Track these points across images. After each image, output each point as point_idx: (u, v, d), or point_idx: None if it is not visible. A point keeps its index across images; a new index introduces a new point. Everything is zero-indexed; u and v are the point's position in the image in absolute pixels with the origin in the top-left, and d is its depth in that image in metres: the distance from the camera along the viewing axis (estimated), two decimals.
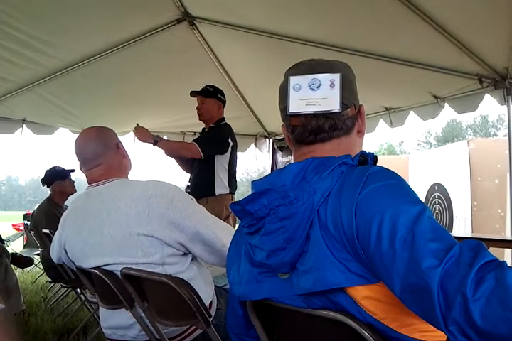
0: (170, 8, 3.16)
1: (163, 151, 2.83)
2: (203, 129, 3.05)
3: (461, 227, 5.30)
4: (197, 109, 2.92)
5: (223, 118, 2.98)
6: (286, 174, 0.78)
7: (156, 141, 2.73)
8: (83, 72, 3.45)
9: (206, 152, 2.78)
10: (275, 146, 5.17)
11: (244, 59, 3.77)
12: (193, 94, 2.90)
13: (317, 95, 0.82)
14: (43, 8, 2.76)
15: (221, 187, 2.88)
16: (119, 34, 3.25)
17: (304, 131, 0.85)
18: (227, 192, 2.91)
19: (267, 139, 5.15)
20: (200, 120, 2.97)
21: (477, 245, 0.62)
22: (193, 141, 2.87)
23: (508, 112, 3.01)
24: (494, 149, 5.11)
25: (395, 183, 0.72)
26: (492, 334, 0.55)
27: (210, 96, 2.89)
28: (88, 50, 3.31)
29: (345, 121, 0.85)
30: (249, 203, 0.79)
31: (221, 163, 2.89)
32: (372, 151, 0.83)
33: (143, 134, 2.77)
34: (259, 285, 0.81)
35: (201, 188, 2.87)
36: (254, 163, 41.33)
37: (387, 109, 3.77)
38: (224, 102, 2.97)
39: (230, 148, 2.89)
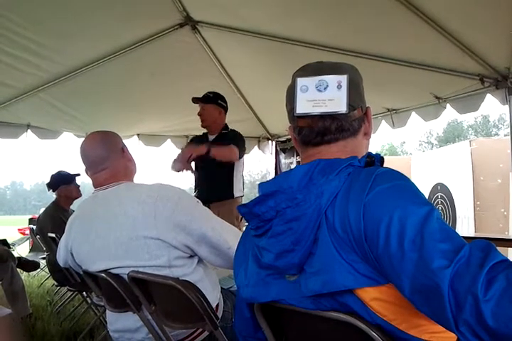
0: (172, 13, 3.17)
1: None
2: (204, 134, 3.05)
3: (464, 227, 5.28)
4: (198, 115, 2.93)
5: (226, 124, 2.98)
6: (293, 176, 0.78)
7: (209, 149, 2.66)
8: (86, 76, 3.45)
9: (239, 155, 2.86)
10: (278, 148, 5.19)
11: (246, 62, 3.78)
12: (195, 100, 2.91)
13: (324, 96, 0.82)
14: (45, 13, 2.77)
15: (239, 189, 2.96)
16: (122, 39, 3.26)
17: (310, 132, 0.85)
18: (242, 194, 3.01)
19: (270, 141, 5.17)
20: (202, 126, 2.97)
21: (487, 245, 0.62)
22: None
23: (510, 112, 3.00)
24: (496, 149, 5.11)
25: (403, 184, 0.72)
26: (504, 334, 0.55)
27: (210, 102, 2.89)
28: (91, 54, 3.32)
29: (352, 122, 0.85)
30: (257, 205, 0.80)
31: (237, 166, 2.95)
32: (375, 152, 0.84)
33: (194, 150, 2.69)
34: (267, 287, 0.81)
35: (219, 191, 2.88)
36: (257, 165, 41.45)
37: (389, 110, 3.76)
38: (225, 108, 2.95)
39: None
